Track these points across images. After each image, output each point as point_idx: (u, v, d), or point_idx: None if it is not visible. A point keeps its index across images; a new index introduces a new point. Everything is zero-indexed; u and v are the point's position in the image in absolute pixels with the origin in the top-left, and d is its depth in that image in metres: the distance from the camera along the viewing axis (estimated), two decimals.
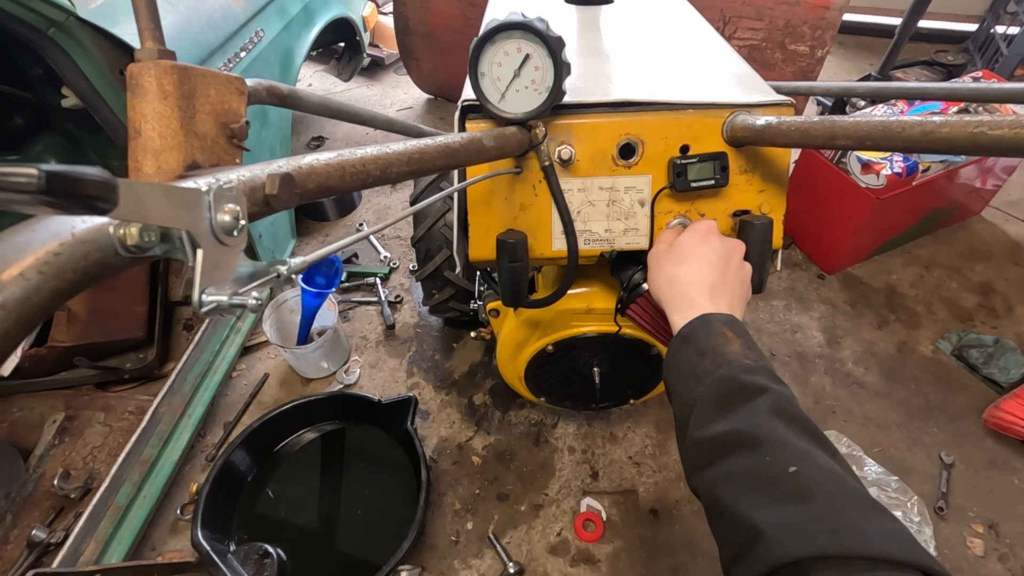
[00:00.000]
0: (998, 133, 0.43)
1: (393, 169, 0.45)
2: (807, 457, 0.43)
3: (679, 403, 0.55)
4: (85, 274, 0.21)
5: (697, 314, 0.57)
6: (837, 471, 0.42)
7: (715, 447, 0.47)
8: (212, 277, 0.25)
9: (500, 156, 0.61)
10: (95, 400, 1.35)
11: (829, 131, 0.54)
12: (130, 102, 0.35)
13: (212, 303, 0.25)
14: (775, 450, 0.44)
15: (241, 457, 1.23)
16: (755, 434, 0.45)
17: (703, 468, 0.48)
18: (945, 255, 1.75)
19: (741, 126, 0.65)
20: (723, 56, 0.84)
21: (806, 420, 0.47)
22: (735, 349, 0.53)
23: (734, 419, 0.47)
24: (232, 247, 0.26)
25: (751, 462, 0.44)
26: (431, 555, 1.19)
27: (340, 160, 0.40)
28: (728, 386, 0.50)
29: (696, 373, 0.53)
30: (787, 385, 0.51)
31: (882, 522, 0.39)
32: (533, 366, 1.03)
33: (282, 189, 0.33)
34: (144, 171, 0.34)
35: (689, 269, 0.61)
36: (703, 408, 0.50)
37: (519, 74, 0.62)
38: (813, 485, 0.41)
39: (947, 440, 1.33)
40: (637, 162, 0.70)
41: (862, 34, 2.83)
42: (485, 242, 0.72)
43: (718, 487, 0.46)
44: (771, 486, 0.42)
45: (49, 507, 1.16)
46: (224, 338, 1.45)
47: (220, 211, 0.25)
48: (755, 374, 0.50)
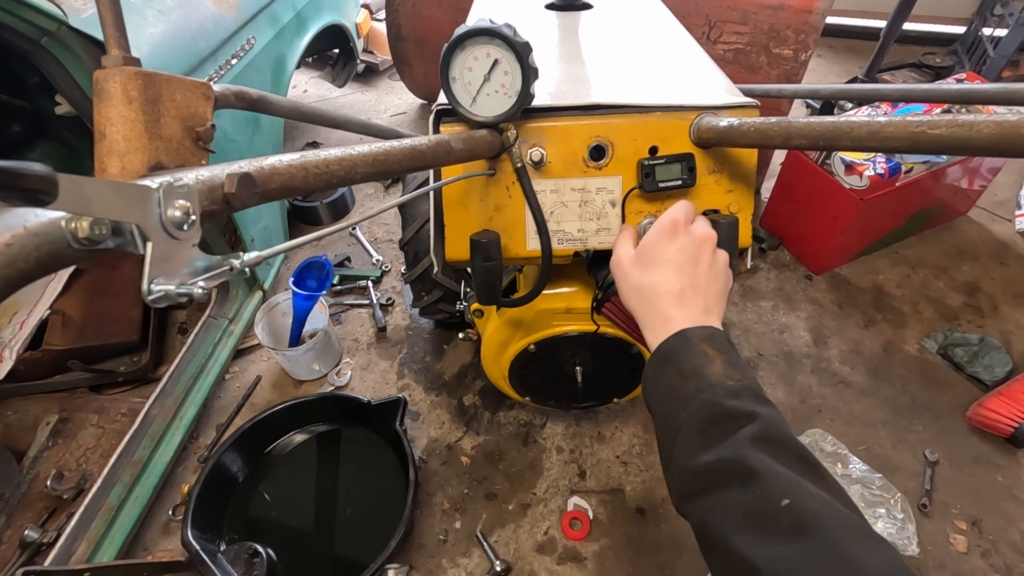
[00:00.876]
0: (936, 132, 0.45)
1: (358, 170, 0.47)
2: (798, 487, 0.42)
3: (662, 426, 0.54)
4: (37, 264, 0.23)
5: (671, 331, 0.55)
6: (828, 500, 0.42)
7: (705, 477, 0.46)
8: (163, 268, 0.27)
9: (470, 158, 0.63)
10: (89, 403, 1.37)
11: (785, 132, 0.56)
12: (96, 107, 0.37)
13: (160, 292, 0.26)
14: (766, 482, 0.43)
15: (232, 458, 1.24)
16: (744, 464, 0.44)
17: (693, 497, 0.48)
18: (932, 255, 1.77)
19: (707, 128, 0.67)
20: (695, 60, 0.86)
21: (793, 444, 0.46)
22: (717, 370, 0.51)
23: (720, 449, 0.46)
24: (183, 240, 0.28)
25: (742, 495, 0.43)
26: (420, 554, 1.20)
27: (303, 161, 0.42)
28: (713, 412, 0.49)
29: (679, 396, 0.52)
30: (773, 405, 0.50)
31: (878, 550, 0.38)
32: (516, 366, 1.04)
33: (240, 188, 0.35)
34: (109, 172, 0.36)
35: (656, 278, 0.59)
36: (688, 435, 0.49)
37: (489, 78, 0.64)
38: (808, 518, 0.40)
39: (932, 438, 1.34)
40: (607, 163, 0.72)
41: (851, 37, 2.86)
42: (461, 242, 0.74)
43: (710, 518, 0.45)
44: (765, 520, 0.41)
45: (42, 508, 1.18)
46: (217, 341, 1.47)
47: (170, 207, 0.27)
48: (739, 398, 0.49)
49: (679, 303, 0.57)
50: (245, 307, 1.56)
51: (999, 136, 0.41)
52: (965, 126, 0.43)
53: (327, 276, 1.48)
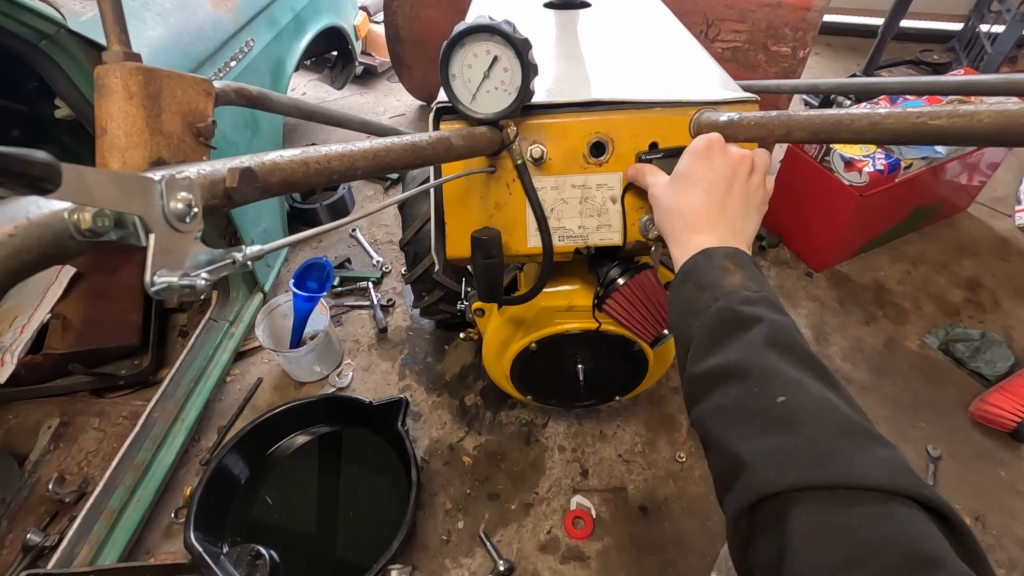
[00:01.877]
0: (937, 123, 0.45)
1: (358, 166, 0.47)
2: (798, 386, 0.41)
3: (679, 339, 0.53)
4: (41, 255, 0.23)
5: (697, 247, 0.55)
6: (829, 399, 0.40)
7: (707, 381, 0.46)
8: (165, 261, 0.27)
9: (470, 155, 0.63)
10: (90, 406, 1.36)
11: (786, 125, 0.56)
12: (97, 102, 0.37)
13: (163, 283, 0.26)
14: (764, 380, 0.42)
15: (234, 460, 1.24)
16: (745, 366, 0.44)
17: (697, 402, 0.47)
18: (932, 251, 1.77)
19: (707, 123, 0.67)
20: (694, 56, 0.86)
21: (803, 349, 0.45)
22: (735, 281, 0.51)
23: (727, 351, 0.46)
24: (186, 233, 0.28)
25: (739, 393, 0.43)
26: (423, 555, 1.20)
27: (304, 156, 0.42)
28: (724, 318, 0.48)
29: (694, 308, 0.51)
30: (788, 315, 0.49)
31: (874, 450, 0.36)
32: (518, 364, 1.04)
33: (242, 182, 0.35)
34: (110, 167, 0.36)
35: (687, 199, 0.59)
36: (699, 342, 0.49)
37: (488, 75, 0.64)
38: (801, 413, 0.39)
39: (934, 434, 1.33)
40: (608, 160, 0.72)
41: (850, 35, 2.87)
42: (462, 240, 0.74)
43: (708, 420, 0.45)
44: (757, 416, 0.41)
45: (44, 511, 1.17)
46: (218, 343, 1.47)
47: (173, 199, 0.27)
48: (754, 305, 0.48)
49: (708, 223, 0.57)
50: (246, 309, 1.56)
51: (1000, 125, 0.41)
52: (966, 116, 0.43)
53: (327, 277, 1.48)
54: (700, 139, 0.61)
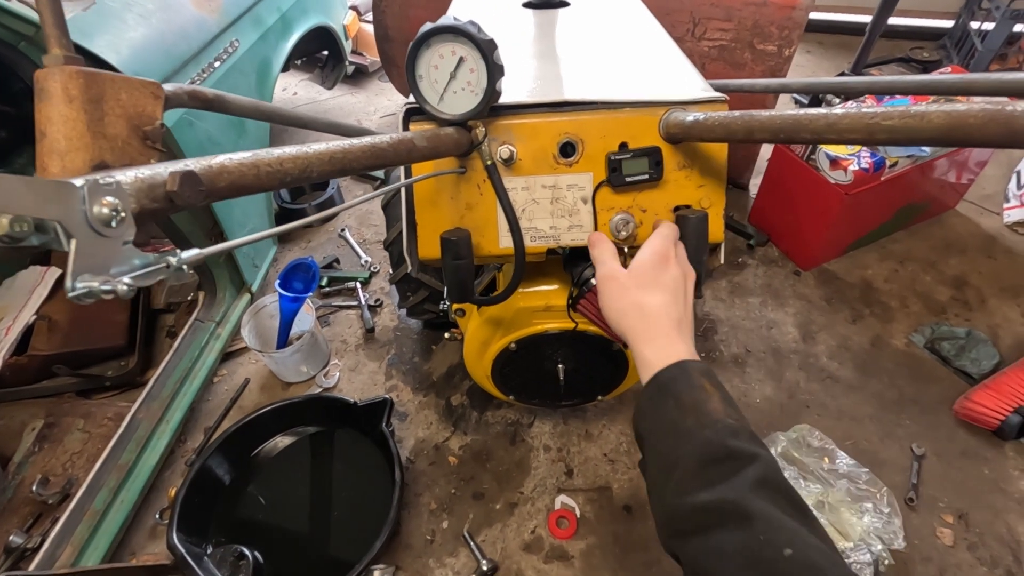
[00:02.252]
0: (889, 124, 0.45)
1: (313, 168, 0.47)
2: (800, 537, 0.42)
3: (656, 459, 0.52)
4: None
5: (671, 351, 0.55)
6: (827, 552, 0.42)
7: (704, 517, 0.45)
8: (89, 265, 0.27)
9: (435, 156, 0.63)
10: (76, 407, 1.36)
11: (747, 125, 0.56)
12: (37, 106, 0.37)
13: (83, 288, 0.26)
14: (768, 529, 0.42)
15: (218, 461, 1.24)
16: (746, 509, 0.43)
17: (687, 536, 0.46)
18: (920, 249, 1.77)
19: (675, 123, 0.67)
20: (668, 56, 0.86)
21: (790, 490, 0.46)
22: (716, 407, 0.51)
23: (722, 489, 0.45)
24: (112, 238, 0.28)
25: (744, 540, 0.42)
26: (406, 554, 1.20)
27: (255, 159, 0.42)
28: (714, 451, 0.48)
29: (677, 430, 0.51)
30: (767, 448, 0.50)
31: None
32: (498, 365, 1.04)
33: (183, 186, 0.35)
34: (50, 171, 0.36)
35: (656, 298, 0.59)
36: (687, 472, 0.48)
37: (455, 76, 0.64)
38: (810, 570, 0.40)
39: (919, 432, 1.34)
40: (578, 160, 0.72)
41: (841, 33, 2.86)
42: (434, 240, 0.74)
43: (705, 560, 0.44)
44: (768, 570, 0.41)
45: (28, 513, 1.18)
46: (204, 344, 1.47)
47: (96, 204, 0.27)
48: (738, 438, 0.48)
49: (678, 330, 0.58)
50: (232, 310, 1.56)
51: (949, 126, 0.41)
52: (916, 116, 0.43)
53: (313, 278, 1.48)
54: (664, 240, 0.63)
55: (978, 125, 0.38)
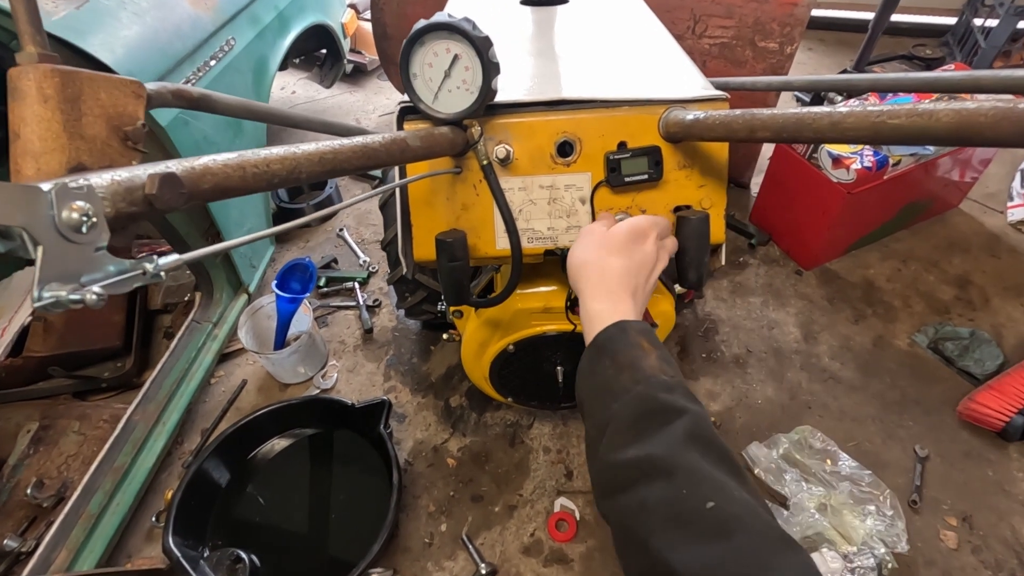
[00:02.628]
0: (896, 122, 0.43)
1: (302, 169, 0.45)
2: (723, 490, 0.42)
3: (592, 417, 0.53)
4: None
5: (616, 311, 0.56)
6: (751, 504, 0.42)
7: (630, 472, 0.45)
8: (59, 273, 0.26)
9: (428, 156, 0.61)
10: (71, 409, 1.35)
11: (749, 124, 0.55)
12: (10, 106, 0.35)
13: (50, 298, 0.25)
14: (692, 482, 0.43)
15: (215, 464, 1.23)
16: (671, 462, 0.44)
17: (615, 493, 0.46)
18: (923, 248, 1.75)
19: (674, 121, 0.65)
20: (668, 54, 0.85)
21: (720, 445, 0.46)
22: (652, 363, 0.51)
23: (650, 443, 0.46)
24: (83, 244, 0.27)
25: (667, 493, 0.43)
26: (404, 557, 1.19)
27: (240, 160, 0.41)
28: (646, 405, 0.48)
29: (612, 388, 0.51)
30: (701, 404, 0.49)
31: (793, 559, 0.38)
32: (496, 366, 1.03)
33: (163, 188, 0.33)
34: (24, 173, 0.35)
35: (618, 263, 0.60)
36: (619, 428, 0.48)
37: (450, 74, 0.63)
38: (731, 522, 0.40)
39: (922, 433, 1.32)
40: (576, 160, 0.70)
41: (843, 30, 2.84)
42: (429, 242, 0.73)
43: (631, 517, 0.44)
44: (688, 522, 0.41)
45: (22, 516, 1.17)
46: (201, 345, 1.46)
47: (65, 208, 0.26)
48: (673, 392, 0.49)
49: (631, 297, 0.59)
50: (230, 311, 1.55)
51: (958, 125, 0.40)
52: (924, 115, 0.41)
53: (311, 278, 1.47)
54: (648, 220, 0.64)
55: (989, 124, 0.37)
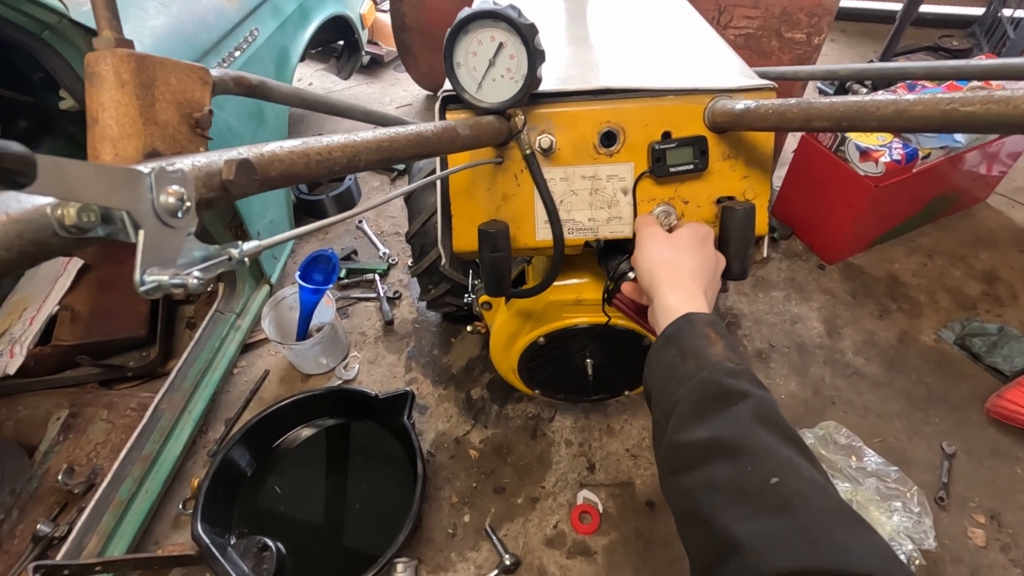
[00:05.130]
0: (969, 110, 0.42)
1: (361, 157, 0.45)
2: (789, 467, 0.42)
3: (659, 404, 0.54)
4: (21, 253, 0.22)
5: (692, 304, 0.57)
6: (820, 482, 0.42)
7: (695, 453, 0.46)
8: (156, 258, 0.26)
9: (477, 145, 0.61)
10: (98, 398, 1.37)
11: (805, 113, 0.54)
12: (88, 91, 0.35)
13: (153, 282, 0.25)
14: (757, 459, 0.43)
15: (240, 453, 1.24)
16: (737, 442, 0.44)
17: (680, 473, 0.47)
18: (949, 243, 1.73)
19: (721, 111, 0.64)
20: (708, 43, 0.83)
21: (787, 427, 0.46)
22: (718, 352, 0.52)
23: (715, 425, 0.47)
24: (178, 229, 0.27)
25: (732, 471, 0.43)
26: (428, 548, 1.19)
27: (305, 147, 0.40)
28: (710, 390, 0.49)
29: (678, 375, 0.52)
30: (768, 390, 0.50)
31: (864, 536, 0.38)
32: (526, 358, 1.03)
33: (239, 175, 0.33)
34: (102, 159, 0.35)
35: (692, 261, 0.62)
36: (684, 412, 0.50)
37: (494, 63, 0.62)
38: (795, 497, 0.40)
39: (949, 430, 1.31)
40: (619, 150, 0.70)
41: (866, 20, 2.80)
42: (469, 233, 0.73)
43: (696, 495, 0.45)
44: (753, 497, 0.41)
45: (54, 502, 1.18)
46: (224, 335, 1.46)
47: (163, 193, 0.26)
48: (737, 378, 0.49)
49: (703, 292, 0.60)
50: (252, 301, 1.56)
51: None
52: (1001, 102, 0.40)
53: (333, 270, 1.47)
54: (700, 227, 0.66)
55: None
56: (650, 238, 0.65)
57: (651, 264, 0.63)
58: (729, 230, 0.66)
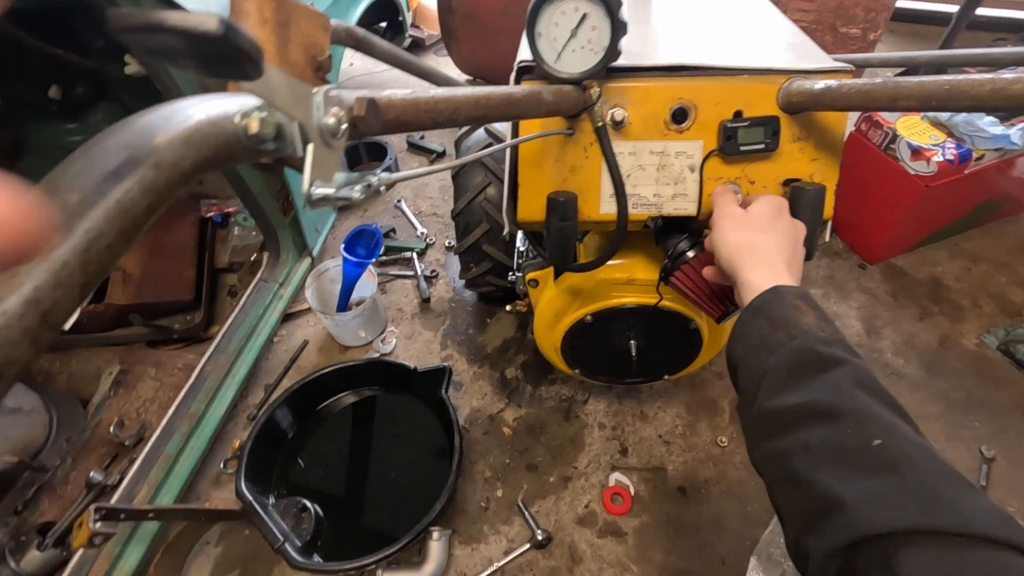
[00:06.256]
0: None
1: (461, 112, 0.47)
2: (893, 429, 0.40)
3: (747, 374, 0.53)
4: (216, 153, 0.24)
5: (776, 280, 0.56)
6: (926, 445, 0.40)
7: (789, 417, 0.45)
8: (319, 173, 0.27)
9: (557, 112, 0.62)
10: (147, 356, 1.41)
11: (892, 92, 0.54)
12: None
13: (321, 194, 0.27)
14: (858, 422, 0.41)
15: (283, 415, 1.28)
16: (835, 405, 0.43)
17: (772, 438, 0.46)
18: (993, 249, 1.70)
19: (798, 91, 0.65)
20: (779, 24, 0.83)
21: (888, 394, 0.45)
22: (810, 321, 0.51)
23: (810, 390, 0.45)
24: (335, 150, 0.28)
25: (831, 433, 0.42)
26: (461, 519, 1.22)
27: (415, 97, 0.42)
28: (803, 356, 0.48)
29: (768, 344, 0.51)
30: (864, 359, 0.48)
31: (978, 500, 0.36)
32: (570, 337, 1.04)
33: (369, 113, 0.35)
34: None
35: (770, 238, 0.60)
36: (775, 378, 0.48)
37: (575, 34, 0.63)
38: (901, 458, 0.38)
39: (988, 435, 1.29)
40: (689, 127, 0.70)
41: (917, 22, 2.74)
42: (534, 203, 0.74)
43: (790, 457, 0.43)
44: (853, 458, 0.40)
45: (105, 453, 1.23)
46: (268, 304, 1.50)
47: (328, 114, 0.27)
48: (832, 346, 0.48)
49: (787, 268, 0.59)
50: (294, 273, 1.59)
51: None
52: None
53: (376, 244, 1.50)
54: (774, 198, 0.65)
55: None
56: (724, 219, 0.64)
57: (730, 246, 0.62)
58: (799, 211, 0.66)
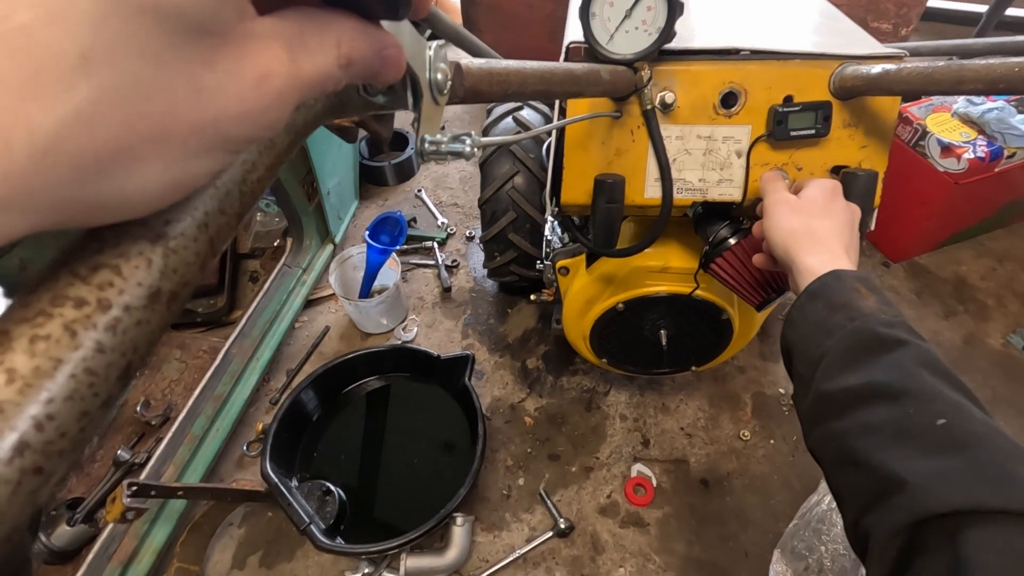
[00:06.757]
0: None
1: (529, 84, 0.46)
2: (959, 409, 0.40)
3: (802, 359, 0.52)
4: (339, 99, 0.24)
5: (834, 264, 0.54)
6: (994, 425, 0.39)
7: (848, 398, 0.45)
8: (427, 128, 0.27)
9: (611, 92, 0.62)
10: (171, 338, 1.42)
11: (956, 75, 0.53)
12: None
13: (432, 147, 0.27)
14: (921, 402, 0.40)
15: (308, 398, 1.28)
16: (897, 385, 0.42)
17: (830, 420, 0.45)
18: (1020, 249, 1.68)
19: (852, 75, 0.64)
20: (825, 9, 0.83)
21: (954, 375, 0.44)
22: (870, 304, 0.49)
23: (871, 370, 0.44)
24: (440, 106, 0.28)
25: (892, 413, 0.41)
26: (483, 507, 1.22)
27: (489, 66, 0.42)
28: (863, 338, 0.46)
29: (825, 327, 0.50)
30: (928, 342, 0.47)
31: None
32: (600, 325, 1.04)
33: (456, 76, 0.35)
34: None
35: (827, 223, 0.59)
36: (833, 360, 0.47)
37: (630, 15, 0.63)
38: (968, 437, 0.38)
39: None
40: (738, 112, 0.70)
41: (943, 21, 2.70)
42: (578, 185, 0.74)
43: (848, 438, 0.43)
44: (916, 437, 0.39)
45: (132, 432, 1.24)
46: (291, 289, 1.51)
47: (436, 69, 0.27)
48: (893, 328, 0.47)
49: (845, 252, 0.57)
50: (317, 259, 1.60)
51: None
52: None
53: (401, 232, 1.50)
54: (827, 181, 0.63)
55: None
56: (776, 206, 0.62)
57: (785, 233, 0.60)
58: (850, 196, 0.65)
